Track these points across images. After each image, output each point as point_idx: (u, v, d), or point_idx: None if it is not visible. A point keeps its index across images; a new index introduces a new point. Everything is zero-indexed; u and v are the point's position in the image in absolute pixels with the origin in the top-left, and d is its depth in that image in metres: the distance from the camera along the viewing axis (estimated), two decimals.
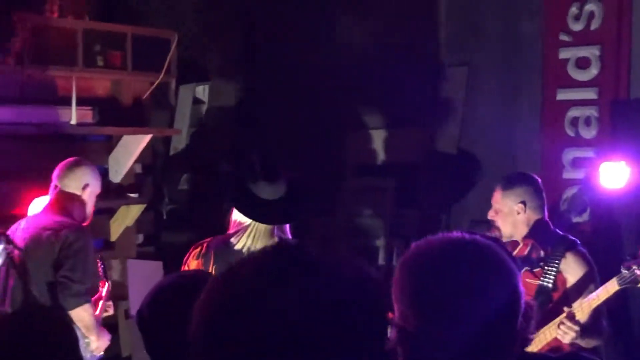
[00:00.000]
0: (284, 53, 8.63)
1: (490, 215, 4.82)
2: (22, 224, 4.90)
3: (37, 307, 2.92)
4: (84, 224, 4.98)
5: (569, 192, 6.97)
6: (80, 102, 6.62)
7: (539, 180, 4.86)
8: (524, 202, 4.69)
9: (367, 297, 1.40)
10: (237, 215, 3.83)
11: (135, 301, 6.57)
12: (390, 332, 2.04)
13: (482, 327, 1.89)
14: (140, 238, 7.40)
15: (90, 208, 5.00)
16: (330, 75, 8.35)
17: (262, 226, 3.77)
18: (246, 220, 3.78)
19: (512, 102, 7.36)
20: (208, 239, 3.94)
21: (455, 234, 2.03)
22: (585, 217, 6.90)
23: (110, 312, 5.26)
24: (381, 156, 8.11)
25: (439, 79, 7.79)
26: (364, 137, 8.16)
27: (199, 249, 3.91)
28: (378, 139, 8.11)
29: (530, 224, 4.69)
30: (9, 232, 4.80)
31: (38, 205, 5.21)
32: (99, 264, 5.17)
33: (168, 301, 2.41)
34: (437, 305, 1.92)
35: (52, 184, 4.99)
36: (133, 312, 6.81)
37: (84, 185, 4.93)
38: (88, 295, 4.72)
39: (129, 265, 6.94)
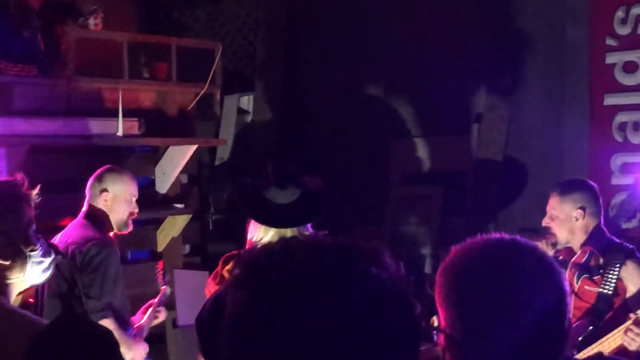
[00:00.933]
0: (329, 62, 8.62)
1: (545, 222, 4.73)
2: (56, 237, 4.92)
3: (75, 317, 2.92)
4: (121, 232, 4.98)
5: (618, 198, 6.88)
6: (126, 114, 6.66)
7: (596, 186, 4.79)
8: (583, 208, 4.61)
9: (401, 306, 1.36)
10: (252, 232, 3.82)
11: (182, 311, 6.60)
12: (437, 338, 2.02)
13: (531, 328, 1.86)
14: (187, 248, 7.42)
15: (120, 214, 4.93)
16: (375, 84, 8.33)
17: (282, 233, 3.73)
18: (264, 235, 3.76)
19: (558, 107, 7.29)
20: (236, 251, 3.96)
21: (495, 235, 2.00)
22: (634, 223, 6.81)
23: (161, 317, 5.25)
24: (427, 164, 8.07)
25: (484, 86, 7.73)
26: (409, 145, 8.12)
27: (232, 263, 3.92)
28: (424, 146, 8.07)
29: (588, 230, 4.62)
30: None
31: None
32: (158, 270, 5.18)
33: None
34: (483, 309, 1.90)
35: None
36: (180, 322, 6.83)
37: (100, 191, 4.89)
38: (107, 311, 4.64)
39: (175, 275, 6.95)
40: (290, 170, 3.98)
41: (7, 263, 2.69)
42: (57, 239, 4.87)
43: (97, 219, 4.90)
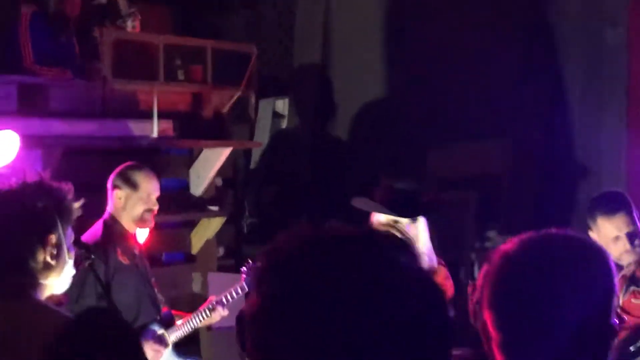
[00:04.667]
0: (364, 68, 8.59)
1: (627, 249, 4.50)
2: None
3: (101, 311, 2.92)
4: (143, 227, 4.94)
5: None
6: (161, 116, 6.67)
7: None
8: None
9: (433, 293, 1.35)
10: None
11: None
12: (484, 342, 1.98)
13: (579, 324, 1.82)
14: (221, 251, 7.41)
15: (134, 211, 4.87)
16: (408, 89, 8.29)
17: None
18: None
19: (596, 112, 7.21)
20: None
21: (542, 232, 1.95)
22: None
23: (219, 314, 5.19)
24: (462, 168, 8.00)
25: (521, 90, 7.67)
26: (445, 151, 8.06)
27: None
28: (459, 151, 8.00)
29: None
30: None
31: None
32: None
33: None
34: (532, 309, 1.85)
35: None
36: (214, 324, 6.81)
37: (112, 188, 4.89)
38: None
39: (209, 278, 6.96)
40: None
41: (53, 263, 2.71)
42: None
43: (106, 221, 4.89)
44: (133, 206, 4.85)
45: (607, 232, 4.40)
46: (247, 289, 5.19)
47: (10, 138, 5.29)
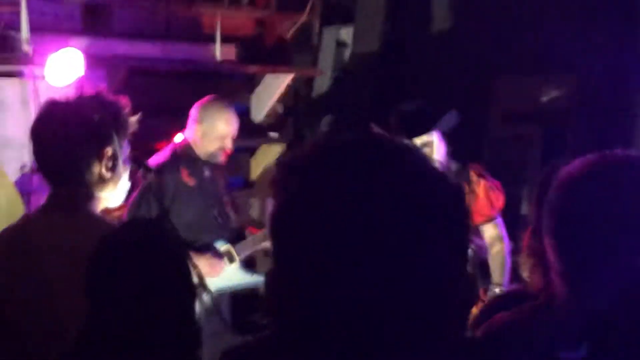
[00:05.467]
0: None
1: None
2: None
3: (150, 221, 2.91)
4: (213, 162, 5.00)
5: None
6: (224, 40, 6.64)
7: None
8: None
9: (450, 195, 1.34)
10: None
11: None
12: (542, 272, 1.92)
13: None
14: None
15: (207, 148, 4.96)
16: (475, 20, 8.13)
17: None
18: None
19: None
20: None
21: (606, 153, 1.85)
22: None
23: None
24: (528, 103, 7.85)
25: (590, 25, 7.47)
26: (512, 83, 7.91)
27: None
28: (523, 85, 7.85)
29: None
30: None
31: (180, 140, 5.24)
32: None
33: None
34: (599, 235, 1.74)
35: None
36: None
37: (193, 122, 4.98)
38: None
39: (268, 204, 6.97)
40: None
41: (108, 176, 2.71)
42: None
43: (177, 146, 4.96)
44: (208, 143, 4.96)
45: None
46: None
47: (74, 56, 5.31)
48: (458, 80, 8.17)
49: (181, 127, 5.17)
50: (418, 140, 4.42)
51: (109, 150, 2.71)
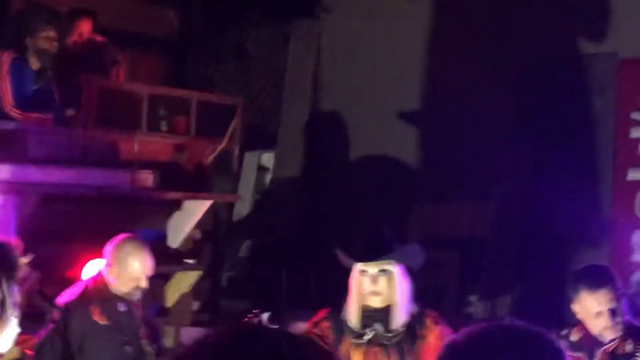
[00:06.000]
0: (352, 124, 8.57)
1: (613, 323, 4.40)
2: None
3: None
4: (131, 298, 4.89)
5: (638, 276, 6.72)
6: (142, 166, 6.61)
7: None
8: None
9: None
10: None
11: None
12: None
13: None
14: (196, 305, 7.30)
15: (122, 287, 4.77)
16: (396, 146, 8.25)
17: None
18: None
19: (582, 178, 7.17)
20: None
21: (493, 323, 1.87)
22: None
23: None
24: (444, 230, 7.93)
25: (506, 151, 7.63)
26: (427, 211, 8.00)
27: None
28: (441, 212, 7.95)
29: None
30: None
31: (92, 268, 5.13)
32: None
33: None
34: None
35: None
36: None
37: (107, 263, 4.82)
38: None
39: (182, 333, 6.85)
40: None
41: None
42: None
43: (90, 283, 4.85)
44: (123, 284, 4.81)
45: (590, 307, 4.32)
46: None
47: None
48: (378, 205, 8.24)
49: (95, 254, 5.04)
50: (377, 267, 4.34)
51: None
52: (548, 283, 7.42)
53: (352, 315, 4.44)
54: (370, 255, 4.31)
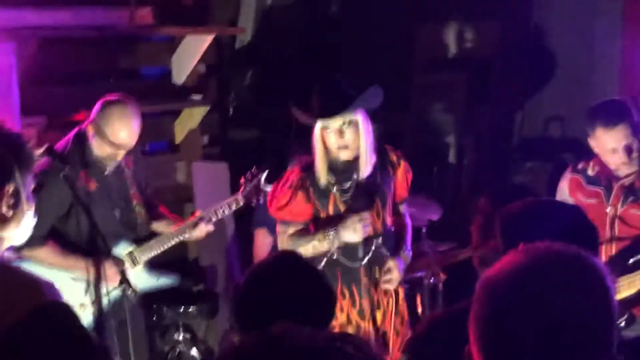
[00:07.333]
0: None
1: (626, 159, 4.36)
2: None
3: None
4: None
5: None
6: (140, 2, 6.44)
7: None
8: None
9: None
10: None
11: (201, 203, 6.49)
12: None
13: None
14: (206, 139, 7.27)
15: (98, 150, 4.72)
16: None
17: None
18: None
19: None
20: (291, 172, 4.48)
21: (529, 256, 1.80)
22: None
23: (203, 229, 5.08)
24: (452, 50, 7.81)
25: None
26: (434, 31, 7.84)
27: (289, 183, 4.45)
28: (449, 32, 7.79)
29: None
30: None
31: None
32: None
33: (266, 282, 2.60)
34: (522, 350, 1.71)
35: None
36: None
37: (90, 122, 4.74)
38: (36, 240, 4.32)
39: (194, 168, 6.87)
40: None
41: (10, 215, 2.59)
42: None
43: (78, 136, 4.75)
44: (100, 146, 4.69)
45: (605, 144, 4.31)
46: (241, 203, 5.03)
47: None
48: (381, 27, 8.08)
49: (101, 95, 4.90)
50: (340, 120, 4.25)
51: (9, 188, 2.59)
52: (556, 99, 7.38)
53: (321, 172, 4.39)
54: (331, 109, 4.23)
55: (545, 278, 1.73)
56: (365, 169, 4.37)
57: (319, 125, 4.31)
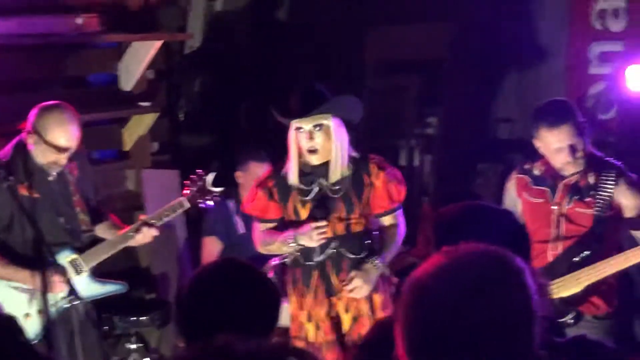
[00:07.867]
0: None
1: (568, 159, 4.38)
2: None
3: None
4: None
5: (595, 88, 6.73)
6: (86, 9, 6.39)
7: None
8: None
9: None
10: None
11: (152, 211, 6.44)
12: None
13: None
14: (155, 146, 7.22)
15: (39, 158, 4.68)
16: None
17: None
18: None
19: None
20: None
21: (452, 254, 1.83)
22: (612, 114, 6.67)
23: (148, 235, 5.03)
24: (403, 52, 7.81)
25: None
26: (385, 33, 7.84)
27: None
28: (400, 34, 7.79)
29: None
30: None
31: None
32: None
33: (209, 289, 2.57)
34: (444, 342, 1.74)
35: None
36: None
37: (28, 130, 4.69)
38: None
39: (144, 175, 6.82)
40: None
41: None
42: None
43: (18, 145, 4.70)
44: (42, 152, 4.64)
45: (550, 144, 4.34)
46: (187, 206, 4.98)
47: None
48: (332, 31, 8.09)
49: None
50: (312, 122, 4.29)
51: None
52: (506, 100, 7.44)
53: (292, 173, 4.45)
54: (303, 109, 4.30)
55: (464, 279, 1.75)
56: (334, 174, 4.41)
57: (293, 125, 4.36)
